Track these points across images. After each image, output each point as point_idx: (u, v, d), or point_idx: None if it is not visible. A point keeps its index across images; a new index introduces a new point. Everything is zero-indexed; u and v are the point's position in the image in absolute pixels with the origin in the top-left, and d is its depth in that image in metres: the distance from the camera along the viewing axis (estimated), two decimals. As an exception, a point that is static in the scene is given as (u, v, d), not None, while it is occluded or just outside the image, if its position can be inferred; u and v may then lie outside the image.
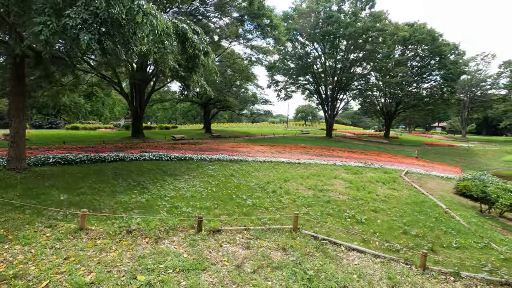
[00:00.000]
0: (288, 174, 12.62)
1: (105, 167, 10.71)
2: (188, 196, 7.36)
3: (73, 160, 11.09)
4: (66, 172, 9.46)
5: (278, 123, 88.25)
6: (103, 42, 5.15)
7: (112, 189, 7.59)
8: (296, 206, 7.47)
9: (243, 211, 6.53)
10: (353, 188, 11.09)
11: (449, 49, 36.95)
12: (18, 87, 8.70)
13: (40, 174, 8.76)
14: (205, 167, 12.26)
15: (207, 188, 8.40)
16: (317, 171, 14.40)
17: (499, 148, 42.58)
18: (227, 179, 10.05)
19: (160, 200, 6.79)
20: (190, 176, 10.11)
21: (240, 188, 8.86)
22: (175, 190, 7.96)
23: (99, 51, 5.10)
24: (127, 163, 11.78)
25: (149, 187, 8.16)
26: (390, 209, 8.38)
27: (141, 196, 6.99)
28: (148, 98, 25.28)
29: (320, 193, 9.43)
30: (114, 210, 5.78)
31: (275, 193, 8.64)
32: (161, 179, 9.48)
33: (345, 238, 5.56)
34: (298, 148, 25.95)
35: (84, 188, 7.49)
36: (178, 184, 8.88)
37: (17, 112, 8.72)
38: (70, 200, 6.24)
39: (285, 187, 9.64)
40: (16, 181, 7.74)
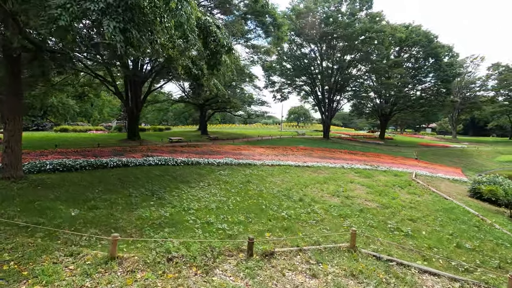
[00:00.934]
0: (303, 178, 11.96)
1: (108, 174, 9.78)
2: (213, 208, 6.57)
3: (72, 166, 10.10)
4: (66, 180, 8.49)
5: (271, 125, 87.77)
6: (128, 31, 4.33)
7: (126, 201, 6.72)
8: (332, 217, 6.80)
9: (282, 226, 5.79)
10: (374, 194, 10.53)
11: (444, 51, 37.30)
12: (14, 85, 7.71)
13: (39, 183, 7.78)
14: (216, 172, 11.45)
15: (229, 198, 7.62)
16: (330, 175, 13.82)
17: (492, 149, 43.24)
18: (246, 186, 9.29)
19: (186, 214, 5.97)
20: (205, 183, 9.29)
21: (264, 197, 8.13)
22: (195, 200, 7.14)
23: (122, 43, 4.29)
24: (131, 169, 10.87)
25: (166, 197, 7.32)
26: (426, 217, 7.82)
27: (162, 209, 6.16)
28: (145, 99, 24.20)
29: (347, 200, 8.80)
30: (140, 228, 4.95)
31: (302, 201, 7.95)
32: (174, 187, 8.64)
33: (404, 255, 4.92)
34: (299, 150, 25.39)
35: (94, 200, 6.59)
36: (195, 192, 8.07)
37: (13, 113, 7.72)
38: (83, 217, 5.36)
39: (309, 194, 8.96)
40: (13, 193, 6.76)
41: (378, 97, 42.93)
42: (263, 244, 4.31)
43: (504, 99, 59.97)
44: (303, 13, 33.16)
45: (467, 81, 59.28)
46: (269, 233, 5.32)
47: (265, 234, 5.19)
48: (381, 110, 42.88)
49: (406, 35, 35.85)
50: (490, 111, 62.81)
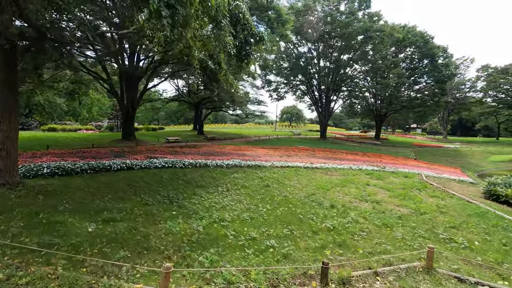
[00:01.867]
0: (319, 181, 11.34)
1: (114, 178, 8.86)
2: (247, 218, 5.80)
3: (72, 170, 9.12)
4: (69, 186, 7.55)
5: (263, 124, 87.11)
6: (173, 6, 3.53)
7: (144, 211, 5.88)
8: (377, 227, 6.14)
9: (334, 240, 5.06)
10: (397, 197, 9.98)
11: (439, 51, 37.56)
12: (9, 79, 6.72)
13: (39, 190, 6.82)
14: (230, 175, 10.69)
15: (257, 205, 6.88)
16: (343, 177, 13.26)
17: (483, 149, 43.95)
18: (267, 191, 8.56)
19: (221, 227, 5.19)
20: (223, 188, 8.51)
21: (293, 203, 7.41)
22: (222, 209, 6.37)
23: (169, 19, 3.48)
24: (137, 172, 9.97)
25: (187, 205, 6.51)
26: (465, 224, 7.28)
27: (191, 221, 5.36)
28: (141, 97, 23.06)
29: (377, 205, 8.21)
30: (178, 248, 4.14)
31: (335, 208, 7.27)
32: (191, 193, 7.82)
33: (480, 274, 4.32)
34: (301, 150, 24.81)
35: (107, 211, 5.72)
36: (217, 199, 7.28)
37: (8, 111, 6.73)
38: (102, 233, 4.51)
39: (335, 198, 8.32)
40: (11, 203, 5.81)
41: (373, 97, 42.92)
42: (342, 270, 3.58)
43: (492, 100, 61.36)
44: (301, 12, 32.63)
45: (457, 82, 60.28)
46: (327, 250, 4.61)
47: (324, 252, 4.49)
48: (377, 111, 42.90)
49: (403, 35, 35.87)
50: (479, 112, 64.12)
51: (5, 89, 6.67)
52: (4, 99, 6.66)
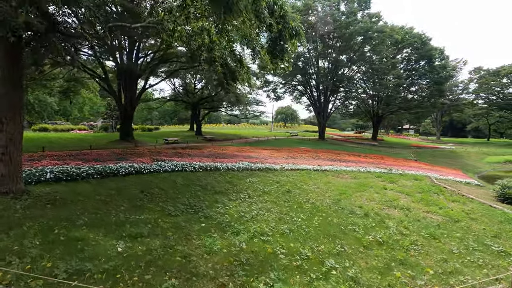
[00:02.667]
0: (336, 185, 10.89)
1: (124, 184, 8.19)
2: (286, 231, 5.22)
3: (77, 175, 8.40)
4: (77, 193, 6.87)
5: (258, 125, 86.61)
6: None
7: (172, 223, 5.26)
8: (426, 239, 5.60)
9: (395, 258, 4.46)
10: (420, 203, 9.59)
11: (437, 53, 37.81)
12: (13, 76, 6.00)
13: (47, 199, 6.12)
14: (245, 179, 10.13)
15: (289, 215, 6.32)
16: (357, 181, 12.90)
17: (477, 150, 44.47)
18: (291, 197, 8.03)
19: (261, 242, 4.61)
20: (244, 194, 7.94)
21: (325, 212, 6.86)
22: (254, 220, 5.79)
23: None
24: (147, 177, 9.32)
25: (214, 216, 5.92)
26: (506, 233, 6.91)
27: (228, 236, 4.78)
28: (140, 96, 22.21)
29: (409, 212, 7.77)
30: (230, 273, 3.54)
31: (370, 217, 6.78)
32: (212, 200, 7.23)
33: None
34: (304, 152, 24.39)
35: (130, 224, 5.09)
36: (243, 207, 6.72)
37: (12, 110, 6.00)
38: (134, 253, 3.87)
39: (364, 205, 7.83)
40: (18, 215, 5.12)
41: (370, 98, 42.93)
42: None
43: (484, 102, 62.44)
44: (301, 11, 32.24)
45: (450, 84, 61.05)
46: (396, 272, 4.09)
47: (393, 273, 3.97)
48: (374, 111, 42.94)
49: (401, 36, 35.94)
50: (471, 113, 65.18)
51: (9, 86, 5.94)
52: (7, 98, 5.93)
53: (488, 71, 58.50)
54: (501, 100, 58.79)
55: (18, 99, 6.09)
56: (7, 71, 5.89)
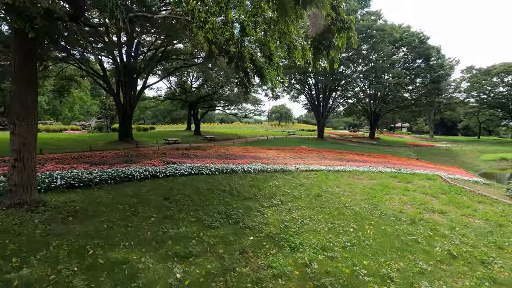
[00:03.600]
0: (360, 187, 10.47)
1: (142, 190, 7.53)
2: (348, 245, 4.62)
3: (90, 180, 7.68)
4: (96, 202, 6.17)
5: (252, 124, 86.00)
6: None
7: (216, 237, 4.64)
8: (494, 250, 5.07)
9: (487, 276, 3.99)
10: (451, 205, 9.21)
11: (434, 52, 38.03)
12: (26, 72, 5.25)
13: (66, 210, 5.42)
14: (267, 182, 9.58)
15: (338, 224, 5.71)
16: (375, 181, 12.54)
17: (472, 148, 45.07)
18: (325, 203, 7.49)
19: (330, 260, 4.02)
20: (276, 200, 7.37)
21: (370, 219, 6.23)
22: (303, 231, 5.19)
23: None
24: (164, 181, 8.66)
25: (257, 227, 5.33)
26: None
27: (285, 251, 4.18)
28: (140, 94, 21.30)
29: (450, 217, 7.34)
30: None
31: (420, 224, 6.24)
32: (245, 206, 6.64)
33: None
34: (308, 151, 23.96)
35: (172, 239, 4.46)
36: (283, 215, 6.14)
37: (25, 110, 5.26)
38: (197, 280, 3.25)
39: (402, 210, 7.36)
40: (39, 231, 4.43)
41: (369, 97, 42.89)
42: None
43: (475, 101, 63.56)
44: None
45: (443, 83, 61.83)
46: None
47: None
48: (371, 110, 42.94)
49: (400, 35, 35.96)
50: (463, 112, 66.25)
51: (22, 84, 5.19)
52: (20, 96, 5.19)
53: (480, 70, 59.51)
54: (491, 98, 59.95)
55: (31, 98, 5.34)
56: (19, 67, 5.14)
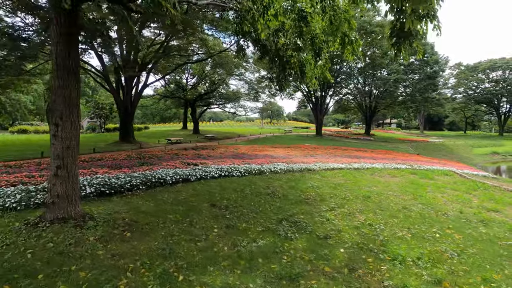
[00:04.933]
0: (394, 186, 10.09)
1: (180, 196, 6.86)
2: (450, 254, 4.17)
3: (121, 187, 6.91)
4: (140, 211, 5.46)
5: (244, 122, 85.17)
6: None
7: (306, 251, 4.05)
8: None
9: None
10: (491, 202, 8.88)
11: (428, 48, 38.49)
12: (70, 59, 4.46)
13: (118, 224, 4.69)
14: (304, 182, 9.06)
15: (412, 228, 5.25)
16: (401, 179, 12.22)
17: (463, 142, 46.14)
18: (382, 205, 6.98)
19: (452, 275, 3.54)
20: (331, 202, 6.83)
21: (444, 222, 5.83)
22: (392, 240, 4.67)
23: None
24: (197, 185, 8.01)
25: (331, 235, 4.75)
26: None
27: (397, 265, 3.64)
28: (141, 92, 20.23)
29: (506, 217, 7.04)
30: None
31: (492, 226, 5.89)
32: (302, 211, 6.07)
33: None
34: (314, 149, 23.60)
35: (257, 255, 3.85)
36: (350, 220, 5.59)
37: (68, 109, 4.46)
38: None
39: (463, 211, 6.96)
40: (101, 252, 3.73)
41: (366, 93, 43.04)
42: None
43: (462, 97, 65.29)
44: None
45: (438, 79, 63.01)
46: None
47: None
48: (367, 107, 43.14)
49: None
50: (451, 107, 67.87)
51: (65, 75, 4.39)
52: (63, 91, 4.39)
53: (467, 67, 61.11)
54: (477, 94, 61.62)
55: (76, 93, 4.54)
56: (63, 57, 4.34)
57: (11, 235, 4.02)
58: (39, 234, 4.02)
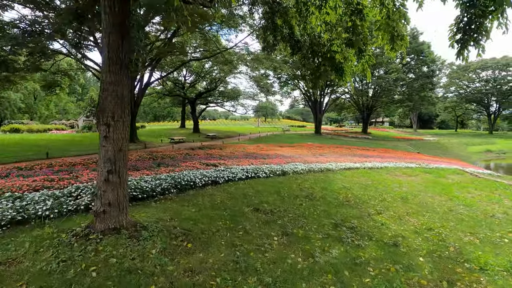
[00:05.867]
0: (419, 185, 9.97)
1: (216, 200, 6.50)
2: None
3: (153, 190, 6.48)
4: (186, 219, 5.08)
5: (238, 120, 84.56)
6: None
7: (381, 261, 3.77)
8: None
9: None
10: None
11: (425, 47, 38.89)
12: (123, 52, 4.01)
13: (174, 234, 4.30)
14: (334, 183, 8.85)
15: (473, 233, 5.02)
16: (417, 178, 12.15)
17: (457, 140, 46.95)
18: (423, 206, 6.80)
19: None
20: (371, 205, 6.58)
21: (490, 222, 5.73)
22: (470, 246, 4.43)
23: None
24: (227, 187, 7.66)
25: (399, 243, 4.50)
26: None
27: (501, 278, 3.41)
28: (145, 90, 19.57)
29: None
30: None
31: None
32: (351, 215, 5.79)
33: None
34: (318, 148, 23.45)
35: (346, 269, 3.52)
36: (404, 226, 5.35)
37: (122, 105, 4.02)
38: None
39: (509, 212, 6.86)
40: (169, 268, 3.37)
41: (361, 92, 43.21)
42: None
43: (455, 95, 66.59)
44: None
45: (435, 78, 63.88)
46: None
47: None
48: (363, 105, 43.34)
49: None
50: (443, 106, 69.09)
51: (116, 66, 3.94)
52: (116, 87, 3.94)
53: (459, 66, 62.19)
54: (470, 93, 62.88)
55: (127, 90, 4.10)
56: (114, 49, 3.89)
57: (64, 249, 3.58)
58: (95, 248, 3.59)
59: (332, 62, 6.97)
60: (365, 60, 6.65)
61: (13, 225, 4.43)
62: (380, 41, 6.37)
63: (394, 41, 5.98)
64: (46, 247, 3.64)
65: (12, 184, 6.21)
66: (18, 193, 5.59)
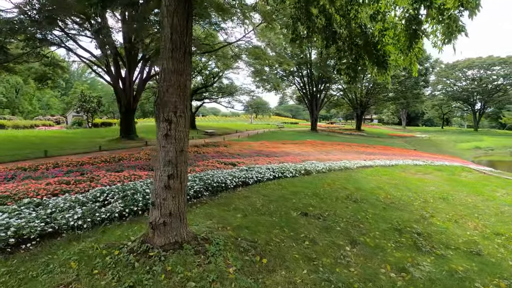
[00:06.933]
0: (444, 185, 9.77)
1: (258, 203, 6.00)
2: None
3: (187, 194, 5.83)
4: (234, 226, 4.54)
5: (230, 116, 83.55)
6: None
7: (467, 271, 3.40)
8: None
9: None
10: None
11: (419, 46, 39.29)
12: (187, 38, 3.41)
13: (237, 246, 3.76)
14: (367, 183, 8.51)
15: None
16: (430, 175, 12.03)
17: (446, 138, 48.04)
18: (466, 208, 6.54)
19: None
20: (416, 207, 6.25)
21: None
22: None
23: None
24: (258, 188, 7.22)
25: (471, 250, 4.16)
26: None
27: None
28: (145, 84, 18.62)
29: None
30: None
31: None
32: (404, 219, 5.42)
33: None
34: (320, 145, 23.20)
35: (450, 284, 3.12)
36: (468, 231, 5.03)
37: (183, 98, 3.42)
38: None
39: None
40: None
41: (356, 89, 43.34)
42: None
43: (442, 94, 68.21)
44: None
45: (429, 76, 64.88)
46: None
47: None
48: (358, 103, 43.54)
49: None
50: (431, 104, 70.64)
51: (180, 52, 3.34)
52: (177, 75, 3.34)
53: (447, 65, 63.66)
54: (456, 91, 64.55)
55: (190, 82, 3.51)
56: (178, 32, 3.28)
57: (124, 270, 2.98)
58: (163, 268, 3.01)
59: (376, 55, 6.53)
60: (414, 53, 6.26)
61: (43, 239, 3.79)
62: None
63: (453, 32, 5.59)
64: (101, 268, 3.03)
65: (26, 188, 5.48)
66: (36, 199, 4.92)
